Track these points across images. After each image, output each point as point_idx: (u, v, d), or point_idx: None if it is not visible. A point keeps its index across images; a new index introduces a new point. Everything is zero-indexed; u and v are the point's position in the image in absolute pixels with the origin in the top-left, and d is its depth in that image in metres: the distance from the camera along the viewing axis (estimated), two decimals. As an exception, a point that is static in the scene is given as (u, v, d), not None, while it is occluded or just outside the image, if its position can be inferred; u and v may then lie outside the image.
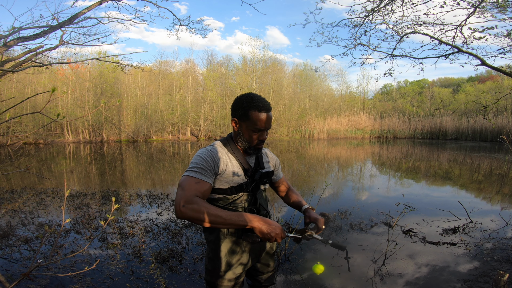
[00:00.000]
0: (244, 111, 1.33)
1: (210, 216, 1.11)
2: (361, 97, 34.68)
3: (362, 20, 4.69)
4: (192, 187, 1.18)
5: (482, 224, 3.86)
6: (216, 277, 1.36)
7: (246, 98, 1.34)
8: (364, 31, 4.78)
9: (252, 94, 1.37)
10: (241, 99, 1.36)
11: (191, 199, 1.13)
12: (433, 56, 4.51)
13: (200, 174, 1.23)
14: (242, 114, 1.34)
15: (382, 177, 7.84)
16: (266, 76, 26.03)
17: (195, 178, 1.21)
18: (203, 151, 1.34)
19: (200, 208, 1.11)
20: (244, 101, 1.34)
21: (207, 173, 1.26)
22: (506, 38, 3.93)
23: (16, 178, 7.01)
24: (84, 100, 18.98)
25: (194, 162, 1.29)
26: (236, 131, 1.40)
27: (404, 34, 4.61)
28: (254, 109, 1.32)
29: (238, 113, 1.36)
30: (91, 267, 1.36)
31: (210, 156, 1.31)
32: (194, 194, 1.16)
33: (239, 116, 1.36)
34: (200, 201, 1.14)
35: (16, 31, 4.79)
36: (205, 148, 1.37)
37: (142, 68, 7.35)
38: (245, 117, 1.34)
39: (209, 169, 1.27)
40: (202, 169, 1.25)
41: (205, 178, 1.24)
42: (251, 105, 1.31)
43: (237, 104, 1.36)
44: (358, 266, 2.71)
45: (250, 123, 1.33)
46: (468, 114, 24.74)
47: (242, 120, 1.35)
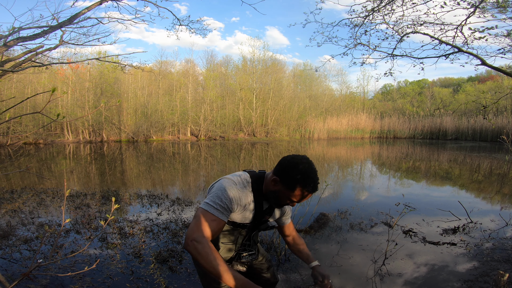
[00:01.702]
0: (293, 184, 1.25)
1: (207, 265, 1.09)
2: (361, 97, 34.67)
3: (362, 20, 4.69)
4: (207, 224, 1.18)
5: (482, 224, 3.86)
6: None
7: (304, 172, 1.24)
8: (364, 31, 4.77)
9: (310, 167, 1.26)
10: (297, 168, 1.24)
11: (201, 240, 1.12)
12: (434, 56, 4.51)
13: (219, 212, 1.22)
14: (289, 184, 1.25)
15: (382, 177, 7.84)
16: (266, 76, 26.03)
17: (213, 215, 1.21)
18: (232, 188, 1.28)
19: (203, 254, 1.10)
20: (299, 173, 1.24)
21: (226, 212, 1.25)
22: (506, 38, 3.93)
23: (16, 178, 7.01)
24: (84, 100, 18.98)
25: (218, 197, 1.24)
26: (272, 188, 1.32)
27: (404, 34, 4.61)
28: (305, 188, 1.25)
29: (285, 179, 1.26)
30: (91, 267, 1.36)
31: (236, 197, 1.27)
32: (205, 235, 1.15)
33: (284, 182, 1.27)
34: (207, 246, 1.11)
35: (16, 31, 4.79)
36: (234, 184, 1.30)
37: (142, 68, 7.35)
38: (289, 187, 1.26)
39: (229, 208, 1.26)
40: (223, 208, 1.24)
41: (222, 217, 1.23)
42: (304, 184, 1.23)
43: (290, 172, 1.25)
44: (358, 266, 2.71)
45: (291, 194, 1.27)
46: (468, 114, 24.74)
47: (285, 187, 1.27)
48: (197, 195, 5.50)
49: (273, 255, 2.85)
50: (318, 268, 1.51)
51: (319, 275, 1.46)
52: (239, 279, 1.08)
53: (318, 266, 1.52)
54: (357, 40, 4.82)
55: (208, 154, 12.95)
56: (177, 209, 4.46)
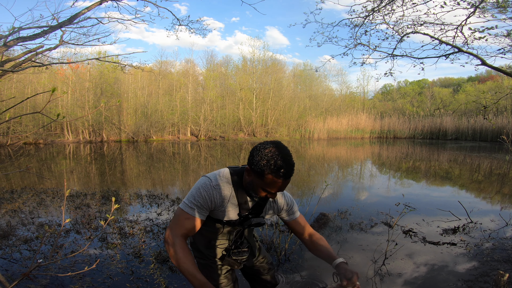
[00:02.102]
0: (261, 170, 1.16)
1: (177, 262, 1.17)
2: (361, 97, 34.67)
3: (362, 20, 4.69)
4: (181, 223, 1.24)
5: (482, 224, 3.86)
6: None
7: (268, 156, 1.15)
8: (364, 31, 4.78)
9: (278, 153, 1.16)
10: (263, 153, 1.17)
11: (173, 238, 1.20)
12: (434, 56, 4.51)
13: (193, 211, 1.25)
14: (257, 171, 1.18)
15: (382, 177, 7.84)
16: (266, 76, 26.03)
17: (187, 214, 1.25)
18: (206, 188, 1.26)
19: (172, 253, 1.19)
20: (264, 159, 1.16)
21: (201, 210, 1.26)
22: (506, 38, 3.93)
23: (16, 178, 7.01)
24: (84, 100, 18.98)
25: (192, 196, 1.26)
26: (248, 179, 1.27)
27: (405, 34, 4.61)
28: (273, 174, 1.16)
29: (253, 166, 1.20)
30: (91, 267, 1.36)
31: (210, 195, 1.26)
32: (179, 233, 1.22)
33: (253, 170, 1.21)
34: (178, 245, 1.19)
35: (16, 31, 4.79)
36: (209, 181, 1.28)
37: (142, 68, 7.35)
38: (259, 176, 1.18)
39: (204, 207, 1.26)
40: (197, 206, 1.25)
41: (197, 215, 1.25)
42: (270, 169, 1.15)
43: (256, 157, 1.18)
44: (358, 266, 2.71)
45: (263, 183, 1.20)
46: (468, 114, 24.73)
47: (257, 176, 1.20)
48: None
49: (273, 255, 2.85)
50: (343, 266, 1.30)
51: (345, 273, 1.25)
52: (199, 280, 1.13)
53: (343, 264, 1.31)
54: (357, 40, 4.82)
55: (208, 154, 12.95)
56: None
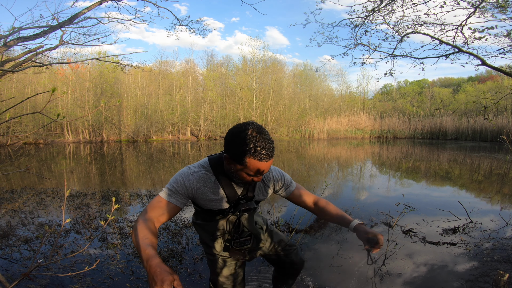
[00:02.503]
0: (240, 156, 1.10)
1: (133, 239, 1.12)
2: (361, 97, 34.66)
3: (362, 20, 4.69)
4: (152, 206, 1.23)
5: (482, 224, 3.86)
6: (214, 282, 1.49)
7: (245, 140, 1.08)
8: (364, 31, 4.78)
9: (252, 133, 1.10)
10: (239, 138, 1.10)
11: (138, 218, 1.19)
12: (434, 56, 4.51)
13: (167, 195, 1.26)
14: (237, 157, 1.11)
15: (382, 177, 7.84)
16: (266, 76, 26.03)
17: (160, 198, 1.25)
18: (183, 174, 1.29)
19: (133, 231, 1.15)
20: (242, 143, 1.09)
21: (176, 196, 1.26)
22: (506, 38, 3.93)
23: (16, 178, 7.01)
24: (84, 100, 18.98)
25: (170, 183, 1.28)
26: (228, 167, 1.21)
27: (405, 34, 4.62)
28: (253, 157, 1.09)
29: (232, 153, 1.13)
30: (91, 267, 1.36)
31: (187, 180, 1.26)
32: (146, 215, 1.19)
33: (232, 157, 1.14)
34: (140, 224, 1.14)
35: (16, 31, 4.79)
36: (188, 169, 1.31)
37: (142, 68, 7.35)
38: (240, 162, 1.12)
39: (180, 193, 1.26)
40: (172, 191, 1.26)
41: (170, 199, 1.25)
42: (250, 152, 1.08)
43: (233, 143, 1.13)
44: (358, 266, 2.71)
45: (245, 168, 1.13)
46: (468, 114, 24.73)
47: (235, 162, 1.14)
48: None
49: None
50: (361, 228, 1.31)
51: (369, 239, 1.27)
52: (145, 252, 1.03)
53: (360, 226, 1.32)
54: (358, 40, 4.83)
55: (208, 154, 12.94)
56: (177, 209, 4.46)
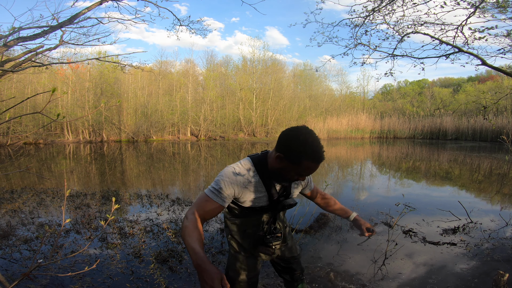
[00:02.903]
0: (298, 158, 1.22)
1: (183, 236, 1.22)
2: (361, 97, 34.67)
3: (362, 20, 4.69)
4: (200, 204, 1.31)
5: (482, 224, 3.86)
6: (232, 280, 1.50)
7: (304, 143, 1.20)
8: (364, 31, 4.78)
9: (311, 139, 1.21)
10: (297, 140, 1.22)
11: (188, 216, 1.27)
12: (434, 56, 4.51)
13: (214, 195, 1.31)
14: (294, 158, 1.22)
15: (382, 177, 7.84)
16: (266, 76, 26.03)
17: (207, 197, 1.32)
18: (229, 174, 1.32)
19: (183, 227, 1.24)
20: (300, 145, 1.21)
21: (222, 196, 1.31)
22: (506, 38, 3.93)
23: (16, 178, 7.01)
24: (84, 100, 18.98)
25: (215, 182, 1.33)
26: (277, 166, 1.30)
27: (405, 34, 4.61)
28: (310, 160, 1.21)
29: (288, 154, 1.23)
30: (91, 267, 1.36)
31: (233, 181, 1.31)
32: (195, 212, 1.28)
33: (288, 158, 1.24)
34: (190, 221, 1.24)
35: (16, 31, 4.79)
36: (232, 169, 1.34)
37: (142, 68, 7.35)
38: (295, 162, 1.23)
39: (226, 193, 1.31)
40: (219, 192, 1.31)
41: (216, 199, 1.30)
42: (309, 155, 1.20)
43: (292, 146, 1.23)
44: (358, 266, 2.71)
45: (299, 169, 1.24)
46: (468, 114, 24.71)
47: (290, 163, 1.24)
48: (197, 195, 5.50)
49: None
50: (356, 222, 1.59)
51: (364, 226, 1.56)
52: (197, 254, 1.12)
53: (356, 220, 1.60)
54: (358, 40, 4.83)
55: (208, 154, 12.95)
56: (177, 209, 4.46)
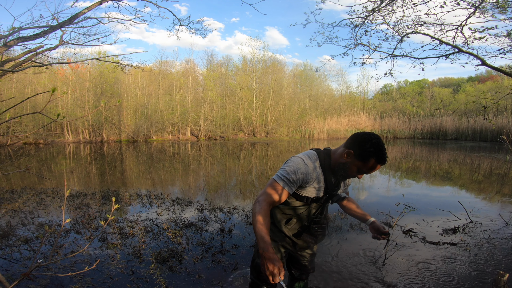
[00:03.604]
0: (367, 156, 1.38)
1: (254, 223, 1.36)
2: (361, 97, 34.68)
3: (362, 20, 4.69)
4: (271, 191, 1.44)
5: (482, 224, 3.86)
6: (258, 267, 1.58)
7: (376, 145, 1.37)
8: (364, 31, 4.78)
9: (380, 141, 1.40)
10: (369, 142, 1.38)
11: (261, 202, 1.41)
12: (434, 56, 4.51)
13: (284, 183, 1.44)
14: (363, 156, 1.38)
15: (382, 177, 7.84)
16: (266, 76, 26.03)
17: (278, 185, 1.44)
18: (299, 165, 1.44)
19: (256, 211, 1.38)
20: (372, 147, 1.37)
21: (292, 185, 1.44)
22: (506, 38, 3.93)
23: (16, 178, 7.01)
24: (84, 100, 18.98)
25: (285, 171, 1.44)
26: (343, 161, 1.45)
27: (405, 34, 4.61)
28: (376, 159, 1.38)
29: (359, 151, 1.39)
30: (91, 267, 1.36)
31: (302, 171, 1.44)
32: (267, 199, 1.42)
33: (358, 155, 1.40)
34: (263, 209, 1.38)
35: (16, 31, 4.79)
36: (302, 160, 1.46)
37: (142, 68, 7.34)
38: (363, 159, 1.39)
39: (296, 182, 1.44)
40: (290, 181, 1.43)
41: (287, 188, 1.44)
42: (377, 155, 1.37)
43: (363, 145, 1.39)
44: (358, 266, 2.71)
45: (364, 166, 1.40)
46: (468, 114, 24.73)
47: (358, 159, 1.40)
48: (197, 195, 5.50)
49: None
50: (373, 225, 1.67)
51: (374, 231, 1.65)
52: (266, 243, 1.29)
53: (374, 223, 1.67)
54: (358, 41, 4.82)
55: (208, 154, 12.95)
56: (177, 209, 4.46)
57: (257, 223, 1.34)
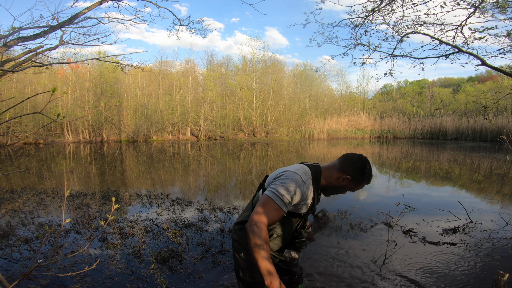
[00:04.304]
0: (361, 180, 1.53)
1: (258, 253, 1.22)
2: (361, 97, 34.66)
3: (362, 20, 4.69)
4: (270, 213, 1.33)
5: (482, 224, 3.86)
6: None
7: (369, 172, 1.52)
8: (364, 31, 4.77)
9: (369, 165, 1.53)
10: (365, 169, 1.51)
11: (260, 225, 1.28)
12: (434, 56, 4.51)
13: (283, 204, 1.35)
14: (359, 180, 1.52)
15: (382, 177, 7.84)
16: (266, 76, 26.02)
17: (276, 205, 1.34)
18: (299, 184, 1.40)
19: (256, 236, 1.25)
20: (366, 173, 1.51)
21: (289, 204, 1.38)
22: (506, 38, 3.93)
23: (16, 178, 7.01)
24: (84, 100, 18.97)
25: (285, 189, 1.36)
26: (337, 184, 1.53)
27: (405, 34, 4.61)
28: (367, 182, 1.55)
29: (356, 176, 1.50)
30: (91, 267, 1.36)
31: (301, 191, 1.41)
32: (265, 221, 1.30)
33: (355, 179, 1.51)
34: (262, 233, 1.26)
35: (16, 31, 4.79)
36: (300, 177, 1.42)
37: (142, 68, 7.34)
38: (358, 183, 1.53)
39: (293, 201, 1.38)
40: (287, 199, 1.36)
41: (284, 208, 1.36)
42: (368, 179, 1.53)
43: (362, 171, 1.50)
44: (358, 266, 2.71)
45: (356, 187, 1.55)
46: (468, 114, 24.73)
47: (354, 183, 1.52)
48: (197, 195, 5.50)
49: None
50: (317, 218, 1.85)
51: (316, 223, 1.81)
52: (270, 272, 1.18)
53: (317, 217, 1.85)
54: (357, 41, 4.82)
55: (208, 154, 12.95)
56: (177, 209, 4.46)
57: (259, 250, 1.22)
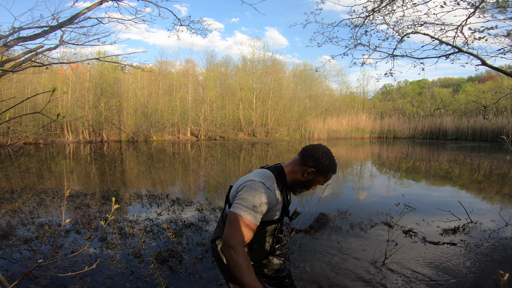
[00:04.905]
0: (327, 170, 1.47)
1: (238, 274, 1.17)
2: (361, 97, 34.66)
3: (362, 20, 4.69)
4: (243, 230, 1.24)
5: (482, 224, 3.86)
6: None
7: (331, 160, 1.47)
8: (364, 31, 4.77)
9: (332, 155, 1.48)
10: (328, 157, 1.46)
11: (237, 248, 1.19)
12: (434, 56, 4.51)
13: (253, 218, 1.27)
14: (324, 171, 1.46)
15: (382, 177, 7.84)
16: (266, 76, 26.03)
17: (247, 220, 1.26)
18: (264, 192, 1.32)
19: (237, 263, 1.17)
20: (329, 162, 1.46)
21: (260, 215, 1.30)
22: (506, 38, 3.93)
23: (16, 178, 7.01)
24: (84, 100, 18.97)
25: (251, 201, 1.28)
26: (303, 179, 1.46)
27: (405, 34, 4.61)
28: (333, 171, 1.50)
29: (320, 168, 1.45)
30: (91, 267, 1.36)
31: (268, 199, 1.33)
32: (241, 241, 1.22)
33: (319, 171, 1.45)
34: (242, 256, 1.18)
35: (16, 31, 4.79)
36: (263, 185, 1.33)
37: (142, 68, 7.34)
38: (324, 174, 1.47)
39: (262, 211, 1.31)
40: (257, 212, 1.28)
41: (256, 221, 1.28)
42: (333, 168, 1.49)
43: (322, 162, 1.45)
44: (358, 266, 2.71)
45: (324, 179, 1.49)
46: (468, 114, 24.73)
47: (320, 175, 1.47)
48: (197, 195, 5.50)
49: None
50: None
51: None
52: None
53: None
54: (358, 41, 4.82)
55: (208, 154, 12.95)
56: (177, 209, 4.46)
57: (243, 275, 1.15)
